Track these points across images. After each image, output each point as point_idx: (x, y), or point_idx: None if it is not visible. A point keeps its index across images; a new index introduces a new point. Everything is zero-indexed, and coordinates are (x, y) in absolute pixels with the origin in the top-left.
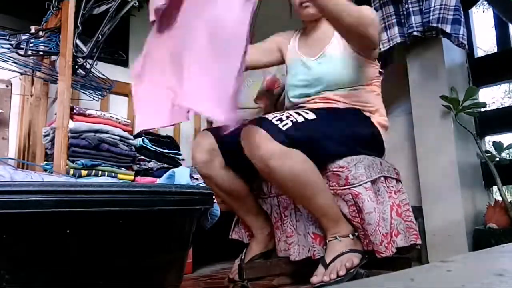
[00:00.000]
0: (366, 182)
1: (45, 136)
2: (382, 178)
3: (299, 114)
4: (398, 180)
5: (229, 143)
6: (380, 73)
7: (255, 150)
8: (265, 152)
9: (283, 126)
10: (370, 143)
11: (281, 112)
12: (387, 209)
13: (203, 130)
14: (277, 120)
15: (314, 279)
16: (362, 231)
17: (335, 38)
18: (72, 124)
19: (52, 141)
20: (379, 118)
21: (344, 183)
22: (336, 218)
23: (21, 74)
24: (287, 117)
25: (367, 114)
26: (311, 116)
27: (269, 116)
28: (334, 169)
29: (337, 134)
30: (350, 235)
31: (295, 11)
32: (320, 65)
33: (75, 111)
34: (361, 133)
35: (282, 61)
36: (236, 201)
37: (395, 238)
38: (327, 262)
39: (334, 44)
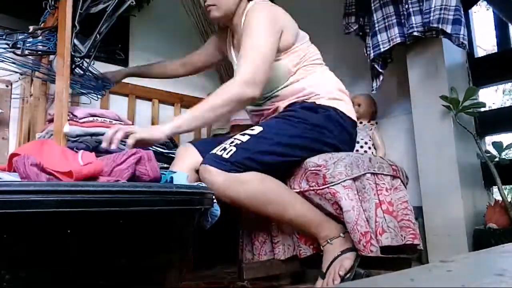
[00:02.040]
0: (345, 180)
1: None
2: (368, 175)
3: (243, 134)
4: (395, 177)
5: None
6: (379, 73)
7: (211, 186)
8: (220, 186)
9: (227, 154)
10: (330, 127)
11: (226, 140)
12: (372, 207)
13: (187, 142)
14: (220, 151)
15: None
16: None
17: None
18: (67, 128)
19: None
20: (327, 94)
21: (322, 182)
22: (319, 222)
23: (21, 74)
24: (231, 143)
25: (313, 99)
26: (256, 130)
27: (214, 149)
28: (312, 169)
29: (289, 135)
30: (341, 234)
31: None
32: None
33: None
34: (313, 121)
35: (224, 59)
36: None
37: (379, 237)
38: (324, 271)
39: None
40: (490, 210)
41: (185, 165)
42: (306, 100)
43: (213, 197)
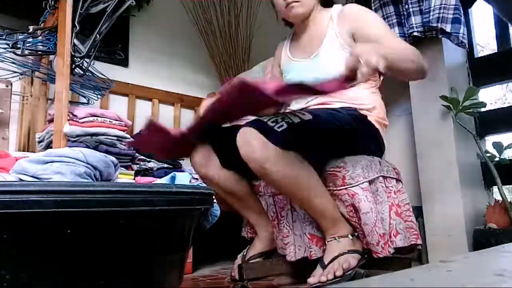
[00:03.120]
0: (363, 183)
1: (39, 142)
2: (380, 178)
3: (294, 115)
4: (398, 180)
5: (224, 145)
6: (379, 73)
7: (250, 153)
8: (260, 155)
9: (278, 128)
10: (368, 142)
11: (276, 114)
12: (385, 209)
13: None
14: (272, 122)
15: (311, 280)
16: (361, 231)
17: (328, 38)
18: (67, 128)
19: (48, 146)
20: (376, 116)
21: (341, 183)
22: (334, 219)
23: (21, 74)
24: (283, 119)
25: (364, 112)
26: (307, 116)
27: (265, 118)
28: (331, 169)
29: (333, 134)
30: (349, 236)
31: (282, 13)
32: (315, 65)
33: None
34: (358, 132)
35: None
36: (237, 200)
37: (394, 238)
38: (325, 263)
39: (327, 43)
40: (490, 210)
41: (201, 151)
42: (358, 110)
43: (213, 197)
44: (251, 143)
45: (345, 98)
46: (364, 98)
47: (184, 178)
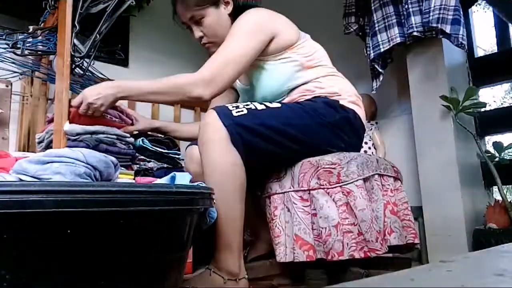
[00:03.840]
0: (358, 180)
1: (39, 143)
2: (376, 176)
3: (261, 103)
4: (396, 178)
5: None
6: (379, 73)
7: (203, 134)
8: (208, 135)
9: (236, 112)
10: (345, 129)
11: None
12: (380, 207)
13: (190, 144)
14: (233, 107)
15: None
16: (353, 235)
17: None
18: (67, 127)
19: (48, 146)
20: (348, 97)
21: (335, 181)
22: (228, 253)
23: (21, 74)
24: (245, 105)
25: (335, 98)
26: (275, 105)
27: (228, 104)
28: (326, 166)
29: (303, 123)
30: (244, 277)
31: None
32: (255, 89)
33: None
34: (330, 120)
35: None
36: None
37: (388, 237)
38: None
39: (253, 69)
40: (490, 210)
41: (195, 161)
42: (328, 97)
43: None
44: (206, 121)
45: (310, 91)
46: (324, 84)
47: (184, 178)
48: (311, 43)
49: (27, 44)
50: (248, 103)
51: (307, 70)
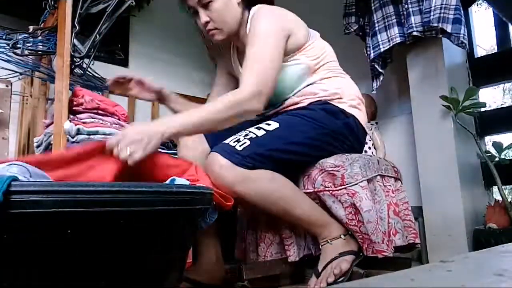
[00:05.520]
0: (362, 181)
1: (37, 146)
2: (378, 177)
3: (259, 128)
4: (396, 179)
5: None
6: (379, 73)
7: (218, 180)
8: (228, 180)
9: (240, 146)
10: (347, 134)
11: (240, 132)
12: (384, 208)
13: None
14: (234, 142)
15: None
16: (360, 234)
17: None
18: (67, 125)
19: (47, 148)
20: (347, 100)
21: (340, 183)
22: (323, 223)
23: (21, 74)
24: (245, 136)
25: (336, 102)
26: (273, 126)
27: (227, 140)
28: (329, 169)
29: (305, 136)
30: (342, 236)
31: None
32: None
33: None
34: (332, 127)
35: None
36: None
37: (393, 237)
38: (319, 270)
39: None
40: (490, 210)
41: (197, 153)
42: (329, 102)
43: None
44: (216, 170)
45: (311, 96)
46: (327, 88)
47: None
48: (320, 43)
49: (27, 44)
50: (246, 132)
51: (313, 74)
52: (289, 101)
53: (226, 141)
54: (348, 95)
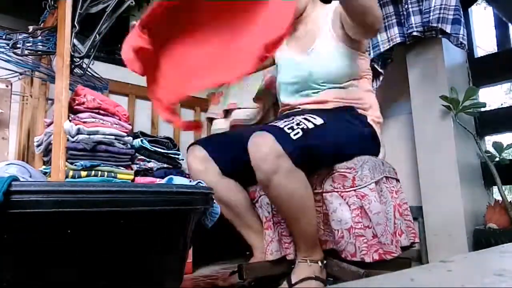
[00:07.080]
0: (371, 183)
1: (38, 146)
2: (384, 179)
3: (308, 120)
4: (397, 180)
5: (222, 152)
6: (379, 73)
7: (261, 162)
8: (271, 166)
9: (294, 135)
10: (368, 142)
11: (291, 119)
12: (390, 210)
13: (192, 143)
14: (288, 129)
15: None
16: (365, 239)
17: (324, 32)
18: (67, 125)
19: (47, 148)
20: (373, 115)
21: (350, 185)
22: (312, 243)
23: (21, 74)
24: (298, 125)
25: (361, 111)
26: (319, 121)
27: (281, 124)
28: (341, 170)
29: (344, 137)
30: (319, 262)
31: None
32: (311, 60)
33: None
34: (360, 132)
35: (273, 62)
36: (236, 216)
37: (399, 238)
38: (292, 281)
39: (323, 38)
40: (490, 210)
41: (199, 158)
42: (360, 112)
43: (213, 196)
44: (263, 150)
45: (341, 98)
46: (360, 97)
47: (181, 181)
48: (368, 56)
49: (27, 44)
50: (298, 120)
51: (359, 79)
52: (322, 96)
53: (279, 125)
54: (373, 111)
